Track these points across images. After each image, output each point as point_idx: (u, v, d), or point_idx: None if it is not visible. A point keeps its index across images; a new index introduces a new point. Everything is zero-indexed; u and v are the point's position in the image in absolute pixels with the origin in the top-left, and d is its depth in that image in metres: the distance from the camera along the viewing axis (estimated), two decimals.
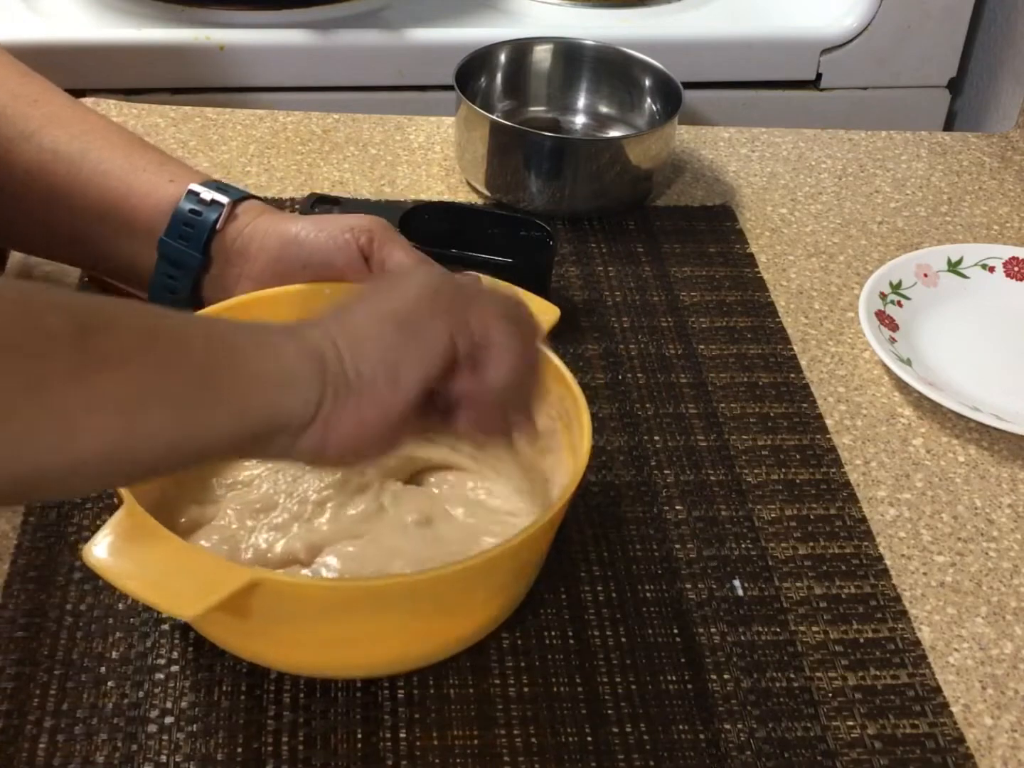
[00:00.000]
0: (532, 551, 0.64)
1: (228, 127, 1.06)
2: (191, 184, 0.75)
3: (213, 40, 1.20)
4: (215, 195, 0.74)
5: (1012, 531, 0.76)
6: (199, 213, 0.74)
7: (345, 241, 0.72)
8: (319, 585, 0.61)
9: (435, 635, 0.63)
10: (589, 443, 0.63)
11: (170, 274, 0.75)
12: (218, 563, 0.58)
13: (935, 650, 0.68)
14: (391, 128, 1.09)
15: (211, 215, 0.74)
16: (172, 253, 0.74)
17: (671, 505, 0.75)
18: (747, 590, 0.70)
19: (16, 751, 0.60)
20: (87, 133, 0.77)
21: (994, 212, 1.05)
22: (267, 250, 0.73)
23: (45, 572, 0.68)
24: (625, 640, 0.67)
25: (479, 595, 0.63)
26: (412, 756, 0.61)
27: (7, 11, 1.21)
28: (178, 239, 0.74)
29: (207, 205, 0.74)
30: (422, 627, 0.62)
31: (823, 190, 1.06)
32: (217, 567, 0.57)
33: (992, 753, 0.63)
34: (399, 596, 0.59)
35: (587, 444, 0.63)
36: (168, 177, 0.76)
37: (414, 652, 0.64)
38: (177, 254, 0.74)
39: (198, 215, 0.74)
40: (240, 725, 0.61)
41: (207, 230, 0.74)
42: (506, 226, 0.90)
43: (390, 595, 0.58)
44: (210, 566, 0.56)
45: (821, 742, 0.63)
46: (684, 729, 0.63)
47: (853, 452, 0.80)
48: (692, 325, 0.89)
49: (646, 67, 1.06)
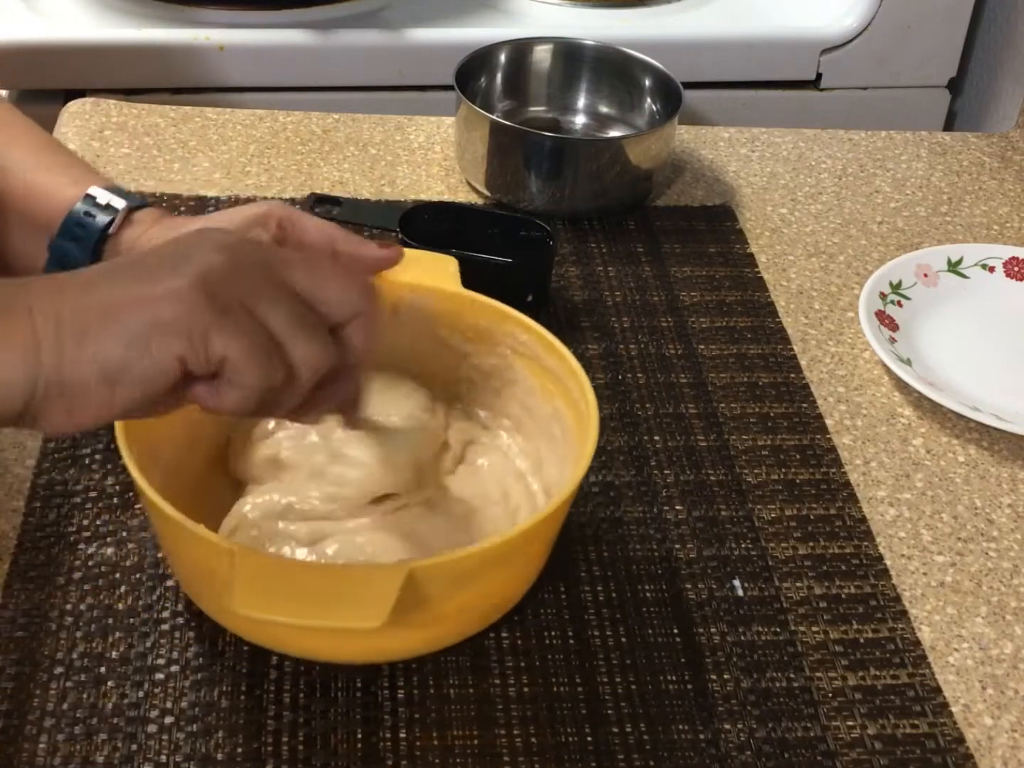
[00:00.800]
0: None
1: (228, 127, 1.06)
2: (90, 188, 0.73)
3: (213, 40, 1.20)
4: (112, 199, 0.73)
5: (1012, 531, 0.76)
6: (92, 215, 0.72)
7: (257, 235, 0.69)
8: (467, 555, 0.60)
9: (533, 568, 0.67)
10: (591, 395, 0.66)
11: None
12: (368, 568, 0.60)
13: (935, 650, 0.68)
14: (391, 128, 1.09)
15: (104, 218, 0.72)
16: (60, 254, 0.73)
17: (671, 505, 0.75)
18: (747, 590, 0.70)
19: (16, 751, 0.60)
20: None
21: (994, 212, 1.05)
22: None
23: (45, 572, 0.68)
24: (625, 640, 0.67)
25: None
26: (412, 756, 0.61)
27: (7, 11, 1.21)
28: (68, 240, 0.72)
29: (102, 208, 0.72)
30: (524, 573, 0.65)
31: (823, 190, 1.06)
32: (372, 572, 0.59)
33: (992, 753, 0.64)
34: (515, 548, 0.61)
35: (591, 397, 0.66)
36: (71, 179, 0.74)
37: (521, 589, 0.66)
38: (63, 255, 0.72)
39: (91, 217, 0.72)
40: (240, 725, 0.61)
41: (97, 233, 0.72)
42: (506, 226, 0.90)
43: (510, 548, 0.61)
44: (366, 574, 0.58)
45: (821, 742, 0.63)
46: (684, 729, 0.63)
47: (853, 452, 0.80)
48: (692, 325, 0.89)
49: (646, 67, 1.06)
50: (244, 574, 0.55)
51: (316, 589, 0.55)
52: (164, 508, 0.58)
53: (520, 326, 0.71)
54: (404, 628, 0.60)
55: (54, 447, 0.74)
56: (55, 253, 0.73)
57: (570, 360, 0.68)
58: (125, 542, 0.70)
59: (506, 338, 0.72)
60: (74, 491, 0.72)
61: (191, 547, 0.61)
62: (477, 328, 0.73)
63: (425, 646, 0.65)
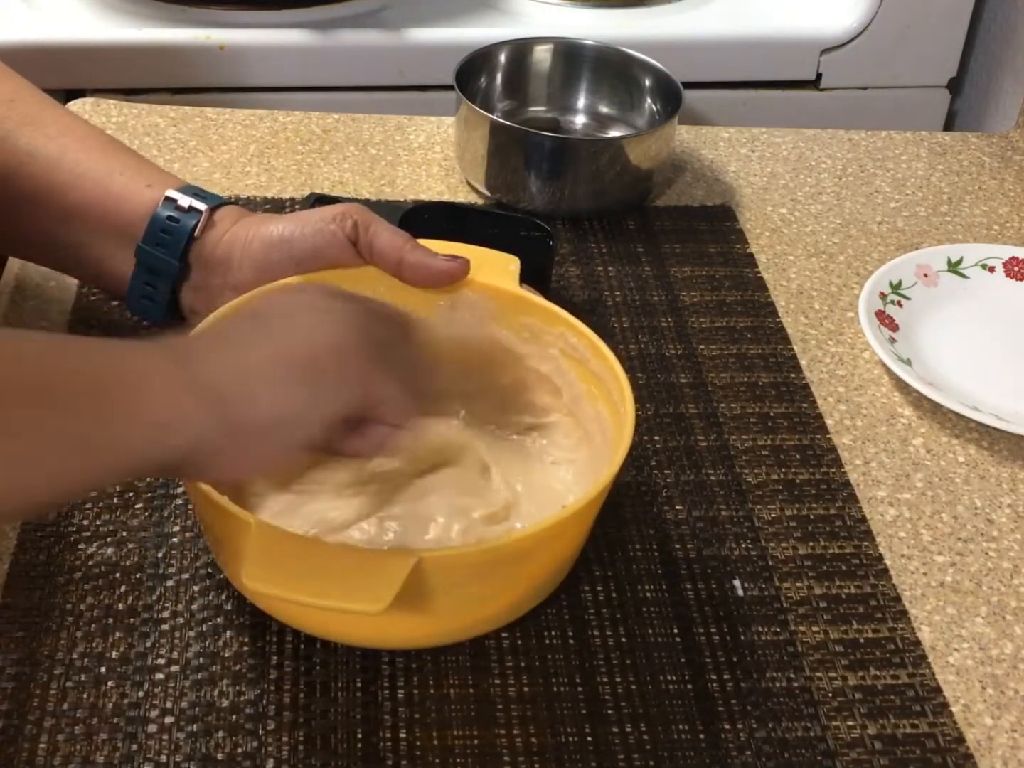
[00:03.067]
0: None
1: (228, 127, 1.06)
2: (168, 190, 0.74)
3: (213, 40, 1.20)
4: (193, 201, 0.74)
5: (1012, 531, 0.76)
6: (176, 220, 0.73)
7: (332, 232, 0.71)
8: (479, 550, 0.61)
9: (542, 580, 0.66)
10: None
11: (147, 281, 0.75)
12: (376, 553, 0.61)
13: (935, 650, 0.68)
14: (391, 128, 1.09)
15: (189, 222, 0.73)
16: (149, 260, 0.74)
17: (671, 505, 0.75)
18: (747, 590, 0.70)
19: (16, 751, 0.60)
20: (64, 135, 0.76)
21: (994, 212, 1.05)
22: (251, 257, 0.73)
23: (45, 572, 0.68)
24: (625, 640, 0.67)
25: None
26: (412, 756, 0.61)
27: (7, 10, 1.21)
28: (155, 246, 0.74)
29: (185, 212, 0.74)
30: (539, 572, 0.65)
31: (823, 190, 1.06)
32: (380, 557, 0.60)
33: (992, 753, 0.64)
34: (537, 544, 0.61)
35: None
36: (145, 182, 0.75)
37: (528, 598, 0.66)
38: (154, 261, 0.74)
39: (176, 222, 0.73)
40: (240, 725, 0.61)
41: (185, 237, 0.73)
42: (506, 226, 0.90)
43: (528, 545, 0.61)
44: (374, 558, 0.59)
45: (821, 742, 0.63)
46: (684, 729, 0.63)
47: (853, 452, 0.80)
48: (692, 325, 0.89)
49: (646, 67, 1.06)
50: (256, 547, 0.56)
51: (322, 568, 0.56)
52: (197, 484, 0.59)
53: (571, 328, 0.71)
54: (409, 616, 0.60)
55: None
56: (144, 259, 0.74)
57: (614, 364, 0.68)
58: (125, 542, 0.70)
59: (557, 340, 0.72)
60: None
61: (214, 518, 0.61)
62: (532, 329, 0.73)
63: (429, 639, 0.65)
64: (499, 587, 0.63)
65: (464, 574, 0.60)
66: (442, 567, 0.58)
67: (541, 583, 0.66)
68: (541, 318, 0.73)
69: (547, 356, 0.73)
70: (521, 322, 0.73)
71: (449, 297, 0.73)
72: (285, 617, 0.65)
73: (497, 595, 0.64)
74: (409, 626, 0.62)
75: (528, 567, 0.63)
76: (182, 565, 0.69)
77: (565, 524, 0.62)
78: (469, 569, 0.60)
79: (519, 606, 0.66)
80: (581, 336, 0.71)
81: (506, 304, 0.73)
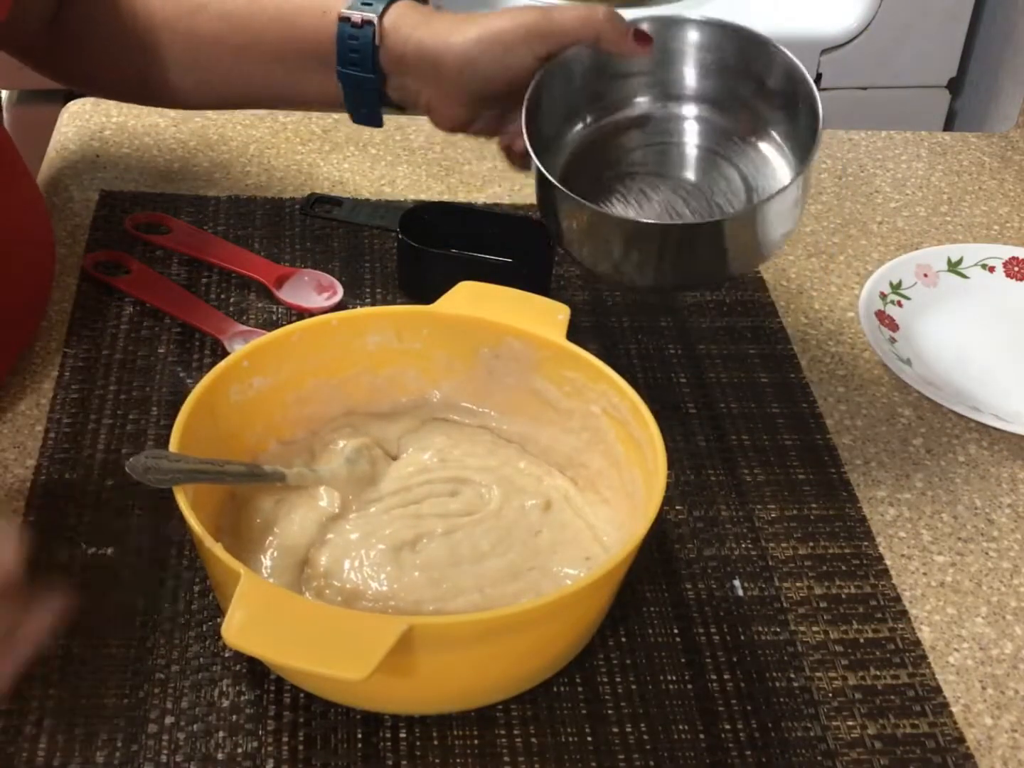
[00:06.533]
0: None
1: (228, 127, 1.06)
2: (340, 9, 0.79)
3: None
4: (363, 15, 0.78)
5: (1012, 531, 0.76)
6: (356, 38, 0.78)
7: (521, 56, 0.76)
8: (472, 620, 0.59)
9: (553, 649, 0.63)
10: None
11: (357, 98, 0.81)
12: (366, 618, 0.58)
13: (935, 650, 0.68)
14: (391, 128, 1.08)
15: (367, 35, 0.78)
16: (351, 81, 0.80)
17: (671, 505, 0.75)
18: (747, 590, 0.70)
19: (16, 751, 0.60)
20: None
21: (994, 212, 1.05)
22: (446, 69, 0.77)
23: (45, 572, 0.68)
24: (625, 640, 0.67)
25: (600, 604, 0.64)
26: (412, 756, 0.61)
27: None
28: (350, 66, 0.79)
29: (358, 27, 0.78)
30: (549, 641, 0.62)
31: (823, 190, 1.06)
32: (367, 622, 0.57)
33: (992, 753, 0.64)
34: (541, 616, 0.59)
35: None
36: (321, 9, 0.80)
37: (538, 667, 0.63)
38: (355, 81, 0.80)
39: (355, 40, 0.78)
40: (240, 725, 0.61)
41: (370, 51, 0.78)
42: (506, 226, 0.90)
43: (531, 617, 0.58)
44: (361, 622, 0.56)
45: (821, 742, 0.63)
46: (684, 729, 0.63)
47: (853, 452, 0.80)
48: (692, 325, 0.89)
49: None
50: (241, 601, 0.54)
51: (307, 630, 0.54)
52: (190, 521, 0.58)
53: (613, 387, 0.69)
54: (399, 683, 0.58)
55: (54, 447, 0.75)
56: (346, 82, 0.80)
57: (654, 434, 0.65)
58: (125, 542, 0.69)
59: (600, 398, 0.70)
60: (74, 491, 0.72)
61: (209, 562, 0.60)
62: (575, 383, 0.71)
63: (422, 707, 0.62)
64: (499, 656, 0.60)
65: (462, 642, 0.58)
66: (433, 636, 0.56)
67: (549, 656, 0.64)
68: (585, 373, 0.70)
69: (588, 413, 0.71)
70: (564, 375, 0.71)
71: (492, 345, 0.72)
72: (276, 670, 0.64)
73: (497, 664, 0.61)
74: (402, 693, 0.61)
75: (526, 639, 0.60)
76: (182, 566, 0.69)
77: (557, 605, 0.59)
78: (461, 639, 0.57)
79: (524, 678, 0.63)
80: (624, 397, 0.68)
81: (551, 355, 0.71)
